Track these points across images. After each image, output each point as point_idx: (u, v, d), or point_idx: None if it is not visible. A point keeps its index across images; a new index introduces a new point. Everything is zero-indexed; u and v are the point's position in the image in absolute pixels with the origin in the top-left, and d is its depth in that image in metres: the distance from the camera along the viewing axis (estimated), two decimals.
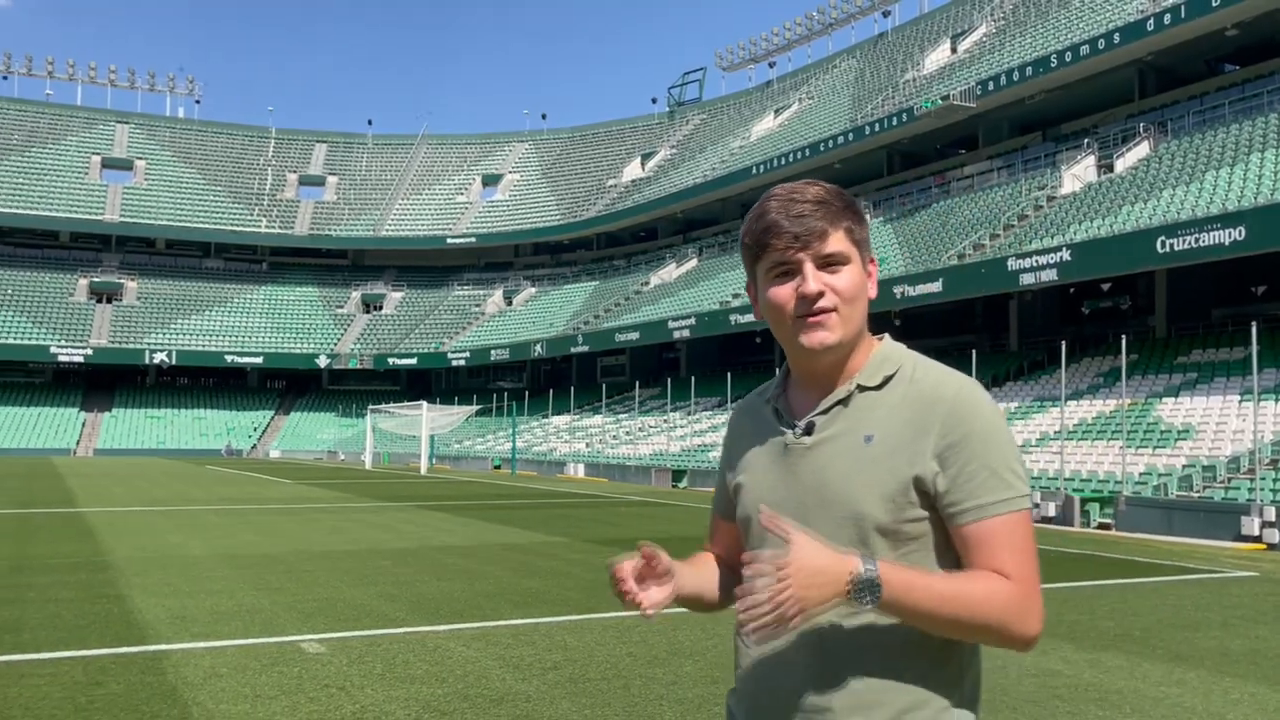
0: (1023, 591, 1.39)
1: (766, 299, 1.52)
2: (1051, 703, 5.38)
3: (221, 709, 5.19)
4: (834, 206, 1.49)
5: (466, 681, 5.82)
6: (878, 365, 1.53)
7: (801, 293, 1.47)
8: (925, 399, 1.47)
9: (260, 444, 63.78)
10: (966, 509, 1.43)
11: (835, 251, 1.48)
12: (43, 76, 75.75)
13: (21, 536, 13.30)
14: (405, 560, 11.31)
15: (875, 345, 1.56)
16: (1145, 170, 30.77)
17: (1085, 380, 27.87)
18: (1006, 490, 1.43)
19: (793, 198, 1.49)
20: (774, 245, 1.49)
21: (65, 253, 68.47)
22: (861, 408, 1.50)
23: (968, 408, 1.45)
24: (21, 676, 5.82)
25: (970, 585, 1.38)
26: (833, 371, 1.52)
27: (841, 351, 1.50)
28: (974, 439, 1.43)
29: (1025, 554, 1.42)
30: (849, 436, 1.49)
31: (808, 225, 1.47)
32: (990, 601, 1.37)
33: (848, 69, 58.31)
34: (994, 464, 1.43)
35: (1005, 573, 1.40)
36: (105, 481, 28.08)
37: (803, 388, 1.57)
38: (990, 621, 1.37)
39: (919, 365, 1.53)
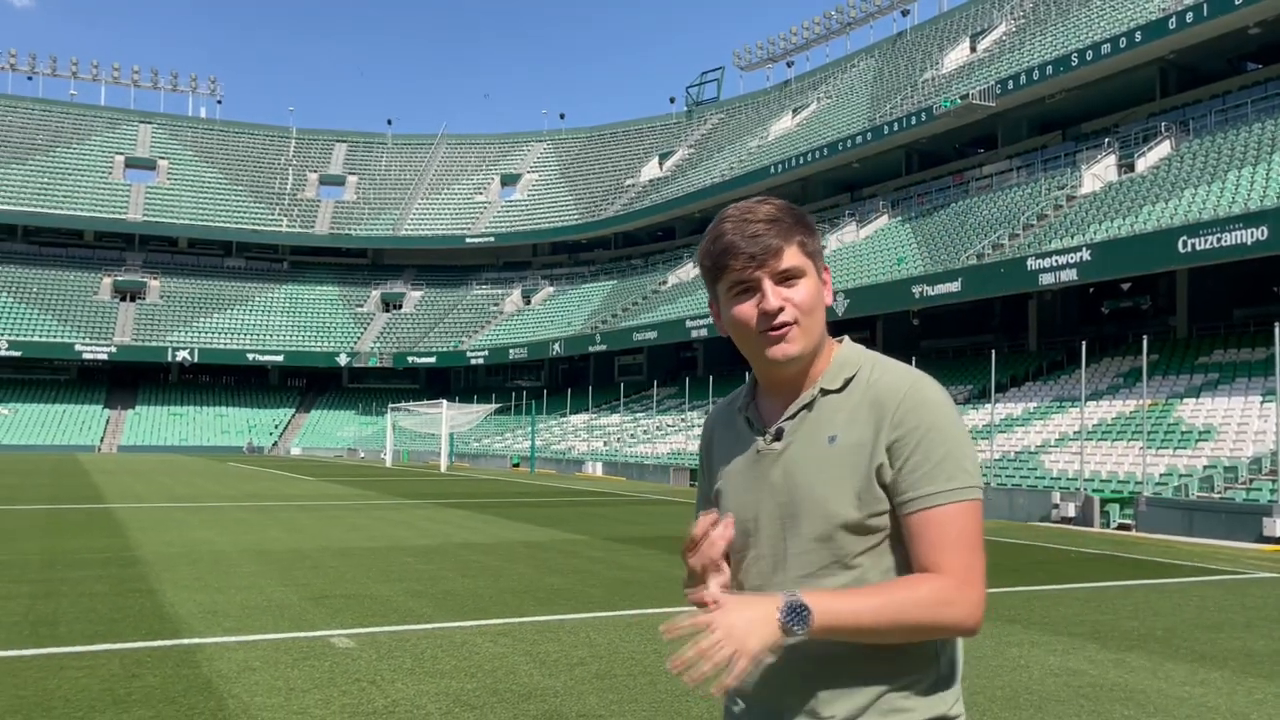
0: (954, 583, 1.44)
1: (730, 317, 1.57)
2: (1077, 702, 5.42)
3: (256, 701, 5.30)
4: (785, 223, 1.55)
5: (495, 676, 5.91)
6: (838, 369, 1.59)
7: (762, 309, 1.53)
8: (880, 397, 1.54)
9: (281, 441, 64.24)
10: (909, 499, 1.49)
11: (790, 266, 1.54)
12: (67, 77, 76.53)
13: (52, 531, 13.51)
14: (429, 557, 11.43)
15: (835, 349, 1.63)
16: (1167, 170, 30.60)
17: (1105, 380, 27.75)
18: (948, 481, 1.48)
19: (746, 218, 1.55)
20: (732, 266, 1.54)
21: (90, 252, 69.16)
22: (825, 410, 1.57)
23: (917, 401, 1.52)
24: (60, 669, 5.95)
25: (895, 592, 1.45)
26: (797, 379, 1.59)
27: (804, 360, 1.57)
28: (920, 431, 1.50)
29: (962, 544, 1.47)
30: (814, 439, 1.56)
31: (763, 244, 1.52)
32: (918, 603, 1.43)
33: (866, 68, 58.17)
34: (938, 455, 1.49)
35: (939, 565, 1.45)
36: (130, 478, 28.40)
37: (770, 396, 1.64)
38: (924, 621, 1.43)
39: (877, 365, 1.59)
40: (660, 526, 16.16)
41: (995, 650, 6.65)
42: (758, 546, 1.59)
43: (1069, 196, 33.33)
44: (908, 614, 1.43)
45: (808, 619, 1.39)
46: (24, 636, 6.83)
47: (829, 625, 1.41)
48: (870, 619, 1.42)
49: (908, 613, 1.43)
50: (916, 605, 1.43)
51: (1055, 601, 8.70)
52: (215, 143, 77.29)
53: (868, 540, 1.51)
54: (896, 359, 1.62)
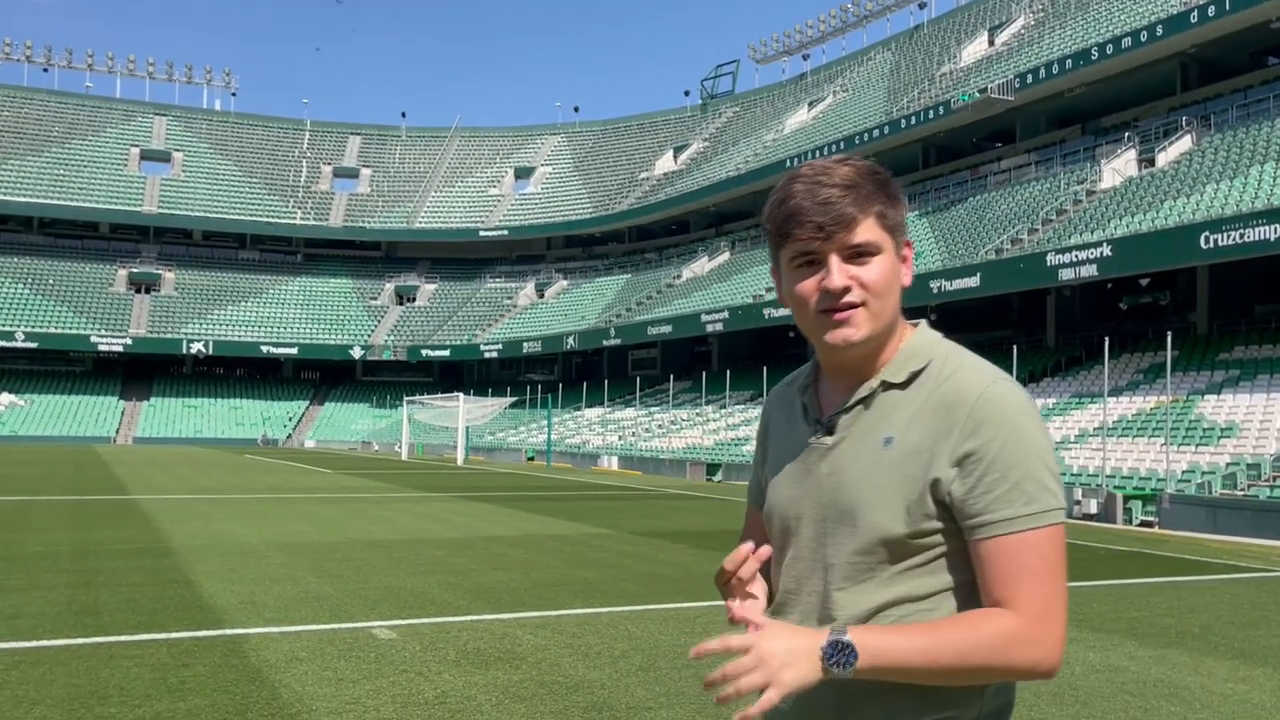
0: (1025, 623, 1.28)
1: (789, 291, 1.42)
2: (1121, 698, 5.43)
3: (309, 691, 5.35)
4: (864, 190, 1.36)
5: (540, 668, 5.95)
6: (905, 359, 1.41)
7: (825, 287, 1.36)
8: (950, 398, 1.35)
9: (295, 434, 64.51)
10: (982, 524, 1.31)
11: (864, 241, 1.36)
12: (82, 69, 76.85)
13: (80, 522, 13.61)
14: (458, 550, 11.49)
15: (907, 335, 1.45)
16: (1188, 164, 30.44)
17: (1125, 377, 27.66)
18: (1028, 504, 1.30)
19: (819, 180, 1.36)
20: (796, 234, 1.37)
21: (105, 243, 69.52)
22: (884, 407, 1.40)
23: (993, 408, 1.33)
24: (110, 658, 6.02)
25: (956, 631, 1.28)
26: (862, 365, 1.42)
27: (869, 347, 1.40)
28: (996, 444, 1.31)
29: (1041, 577, 1.29)
30: (868, 438, 1.40)
31: (834, 213, 1.34)
32: (981, 644, 1.27)
33: (883, 61, 57.98)
34: (1016, 474, 1.30)
35: (1013, 601, 1.28)
36: (150, 469, 28.57)
37: (832, 381, 1.48)
38: (991, 664, 1.27)
39: (950, 359, 1.41)
40: (684, 521, 16.19)
41: None
42: (797, 547, 1.46)
43: (1089, 191, 33.20)
44: (970, 657, 1.26)
45: (852, 660, 1.25)
46: (69, 626, 6.90)
47: (875, 666, 1.26)
48: (923, 661, 1.26)
49: (970, 656, 1.26)
50: (980, 647, 1.26)
51: (1089, 598, 8.70)
52: (230, 135, 77.53)
53: (914, 559, 1.36)
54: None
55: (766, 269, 45.25)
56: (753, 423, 36.96)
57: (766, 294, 42.24)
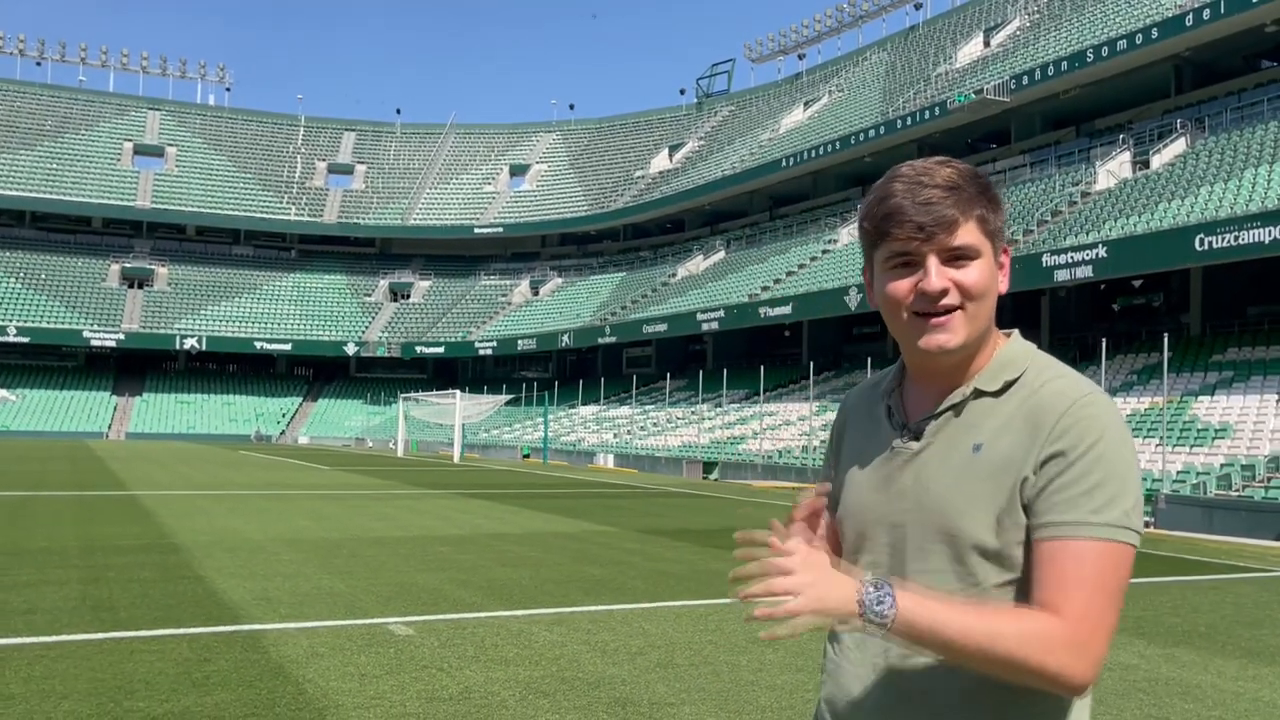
0: (1071, 631, 1.21)
1: (883, 291, 1.38)
2: (1135, 696, 5.51)
3: (333, 686, 5.40)
4: (967, 193, 1.35)
5: (559, 664, 6.01)
6: (1000, 368, 1.38)
7: (922, 289, 1.34)
8: (1043, 406, 1.32)
9: (289, 430, 64.40)
10: (1045, 522, 1.27)
11: (965, 244, 1.34)
12: (75, 63, 76.51)
13: (84, 518, 13.62)
14: (464, 547, 11.53)
15: (1001, 344, 1.42)
16: (1182, 167, 30.62)
17: (1119, 378, 27.82)
18: (1097, 513, 1.25)
19: (920, 180, 1.35)
20: (895, 234, 1.35)
21: (98, 238, 69.28)
22: (975, 414, 1.37)
23: (1083, 416, 1.29)
24: (131, 653, 6.05)
25: (997, 616, 1.24)
26: (953, 372, 1.39)
27: (962, 354, 1.37)
28: (1079, 450, 1.27)
29: (1095, 590, 1.23)
30: (957, 445, 1.36)
31: (935, 214, 1.32)
32: (1018, 636, 1.21)
33: (878, 62, 58.14)
34: (1092, 482, 1.26)
35: (1060, 606, 1.23)
36: (146, 465, 28.53)
37: (919, 385, 1.44)
38: (1019, 658, 1.21)
39: (1046, 370, 1.37)
40: (686, 519, 16.26)
41: None
42: (873, 553, 1.41)
43: (1084, 193, 33.37)
44: (1000, 644, 1.21)
45: (891, 607, 1.21)
46: (86, 621, 6.93)
47: (910, 623, 1.21)
48: (958, 633, 1.21)
49: (1000, 643, 1.21)
50: (1015, 638, 1.21)
51: None
52: (224, 130, 77.32)
53: (1005, 573, 1.31)
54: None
55: (762, 268, 45.20)
56: (749, 421, 37.05)
57: (762, 293, 42.34)
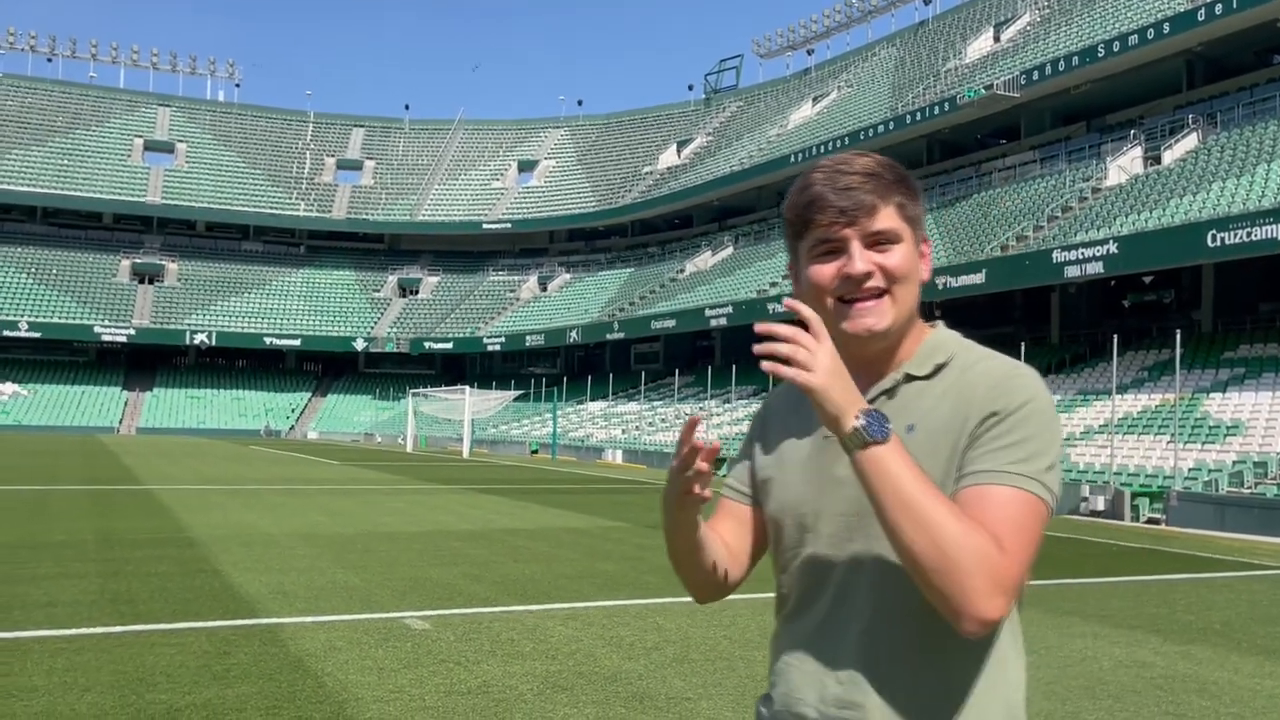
0: (1003, 561, 1.21)
1: (808, 278, 1.40)
2: (1151, 693, 5.52)
3: (352, 679, 5.44)
4: (885, 179, 1.37)
5: (575, 659, 6.04)
6: (929, 353, 1.41)
7: (846, 273, 1.36)
8: (975, 380, 1.35)
9: (298, 425, 64.60)
10: (970, 471, 1.29)
11: (885, 228, 1.36)
12: (86, 59, 76.75)
13: (99, 512, 13.70)
14: (476, 542, 11.58)
15: (927, 332, 1.45)
16: (1194, 163, 30.51)
17: (1129, 374, 27.74)
18: (1017, 465, 1.27)
19: (839, 169, 1.37)
20: (818, 220, 1.36)
21: (108, 234, 69.50)
22: (907, 398, 1.39)
23: (1015, 386, 1.33)
24: (152, 645, 6.10)
25: (951, 512, 1.22)
26: (879, 360, 1.41)
27: (890, 338, 1.38)
28: (1004, 413, 1.30)
29: (1018, 531, 1.24)
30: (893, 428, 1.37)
31: (855, 199, 1.35)
32: (962, 543, 1.20)
33: (888, 57, 57.98)
34: (1016, 437, 1.29)
35: (994, 535, 1.23)
36: (159, 460, 28.66)
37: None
38: (950, 558, 1.19)
39: (974, 352, 1.41)
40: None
41: (1060, 642, 6.76)
42: (815, 545, 1.41)
43: (1094, 189, 33.26)
44: (942, 533, 1.20)
45: (882, 433, 1.22)
46: (106, 614, 6.99)
47: (883, 460, 1.22)
48: (913, 497, 1.21)
49: (943, 532, 1.20)
50: (958, 536, 1.20)
51: (1109, 594, 8.80)
52: (233, 126, 77.48)
53: None
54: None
55: (770, 264, 45.22)
56: None
57: (770, 289, 42.30)
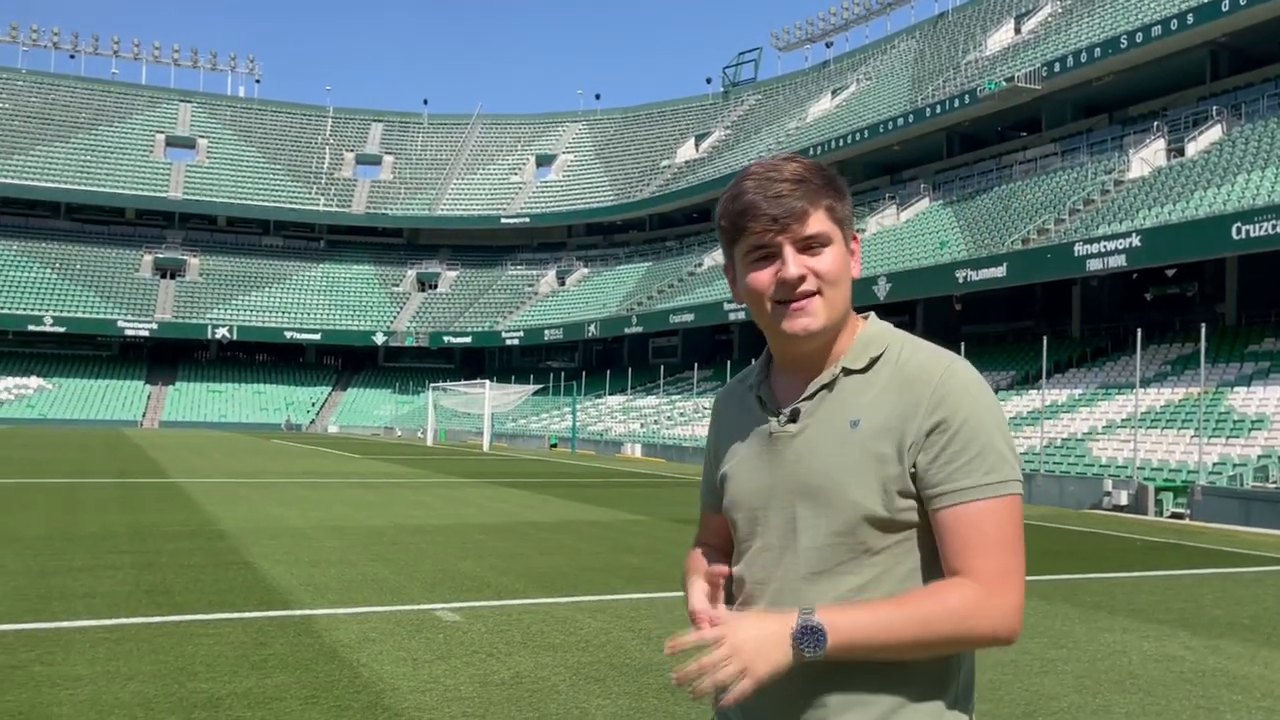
0: (986, 592, 1.32)
1: (745, 285, 1.45)
2: (1182, 687, 5.54)
3: (387, 670, 5.52)
4: (813, 184, 1.42)
5: (606, 651, 6.10)
6: (863, 347, 1.46)
7: (781, 277, 1.41)
8: (911, 379, 1.41)
9: (319, 419, 65.00)
10: (942, 493, 1.36)
11: (816, 232, 1.41)
12: (108, 56, 77.35)
13: (129, 505, 13.87)
14: (501, 535, 11.66)
15: (860, 326, 1.50)
16: (1218, 154, 30.26)
17: (1152, 368, 27.57)
18: (986, 474, 1.36)
19: (770, 176, 1.42)
20: (751, 228, 1.42)
21: (131, 229, 70.09)
22: (847, 391, 1.44)
23: (955, 385, 1.39)
24: (190, 636, 6.20)
25: (920, 604, 1.32)
26: (817, 356, 1.46)
27: (826, 336, 1.44)
28: (956, 419, 1.37)
29: (1000, 545, 1.35)
30: (834, 422, 1.43)
31: (786, 206, 1.40)
32: (947, 615, 1.31)
33: (907, 49, 57.71)
34: (977, 446, 1.36)
35: (972, 570, 1.33)
36: (184, 453, 28.93)
37: (786, 373, 1.51)
38: (955, 634, 1.32)
39: (906, 345, 1.46)
40: None
41: (1089, 636, 6.77)
42: (765, 536, 1.47)
43: (1116, 181, 33.04)
44: (934, 628, 1.31)
45: (823, 642, 1.29)
46: (144, 605, 7.10)
47: (846, 644, 1.30)
48: (892, 635, 1.31)
49: (934, 627, 1.31)
50: (944, 617, 1.31)
51: (1135, 589, 8.80)
52: (254, 122, 77.92)
53: (892, 536, 1.40)
54: (939, 344, 1.50)
55: None
56: None
57: None
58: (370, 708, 4.82)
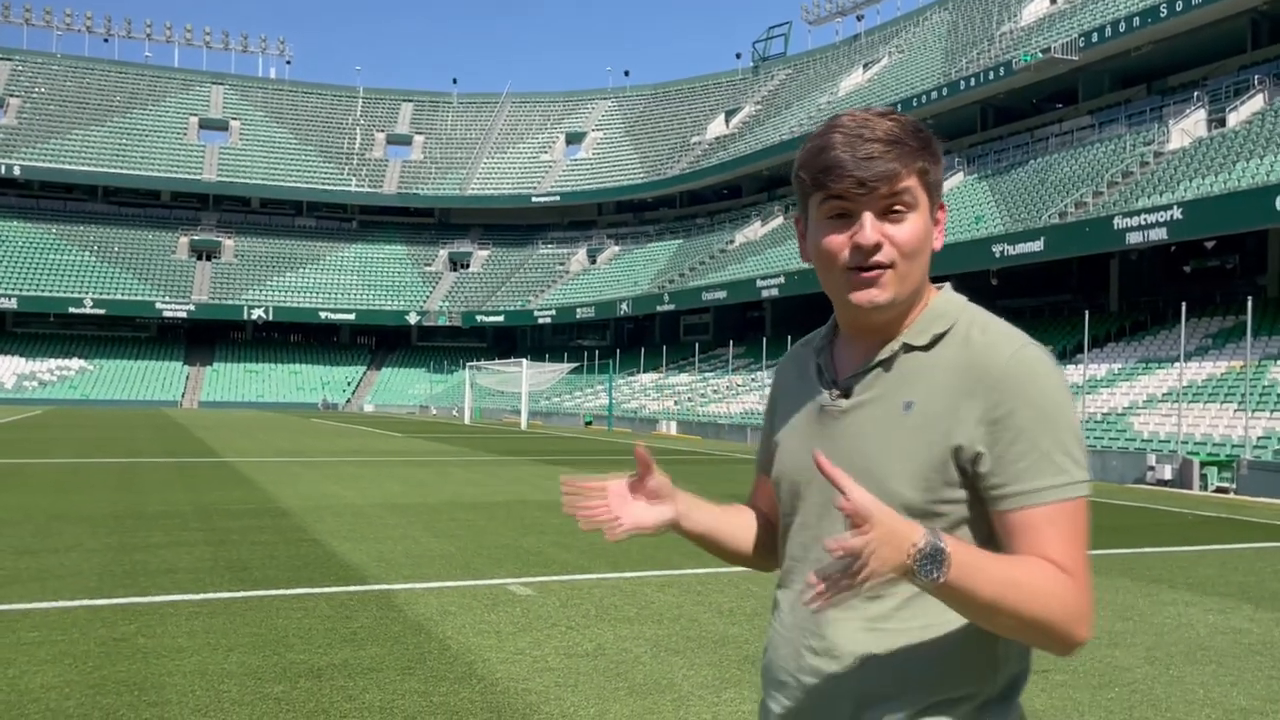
0: (1079, 589, 1.24)
1: (817, 244, 1.35)
2: (1252, 658, 5.63)
3: (473, 642, 5.71)
4: (908, 146, 1.31)
5: (680, 624, 6.26)
6: (929, 321, 1.37)
7: (857, 242, 1.31)
8: (976, 364, 1.31)
9: (354, 398, 65.70)
10: (1011, 493, 1.27)
11: (902, 199, 1.31)
12: (141, 39, 78.10)
13: (189, 484, 14.21)
14: (556, 511, 11.84)
15: (931, 298, 1.40)
16: (1260, 125, 29.81)
17: (1193, 342, 27.31)
18: (1058, 475, 1.26)
19: (860, 133, 1.31)
20: (832, 186, 1.31)
21: (166, 211, 70.96)
22: (905, 370, 1.35)
23: (1023, 375, 1.28)
24: (277, 610, 6.43)
25: (1035, 575, 1.22)
26: (884, 327, 1.37)
27: (894, 310, 1.35)
28: (1026, 413, 1.27)
29: (1078, 547, 1.26)
30: (887, 402, 1.35)
31: (875, 170, 1.29)
32: (1051, 597, 1.21)
33: (939, 21, 57.06)
34: (1046, 444, 1.26)
35: (1058, 565, 1.24)
36: (229, 433, 29.43)
37: (850, 343, 1.43)
38: (1046, 619, 1.21)
39: (975, 323, 1.36)
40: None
41: (1152, 609, 6.86)
42: (804, 514, 1.41)
43: (1156, 153, 32.65)
44: (1038, 605, 1.21)
45: (941, 569, 1.17)
46: (226, 580, 7.35)
47: (957, 584, 1.18)
48: (998, 591, 1.19)
49: (1038, 603, 1.21)
50: (1050, 599, 1.21)
51: (1193, 563, 8.86)
52: (285, 103, 78.41)
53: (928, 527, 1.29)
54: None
55: None
56: None
57: None
58: (465, 678, 5.01)
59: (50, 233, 65.49)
